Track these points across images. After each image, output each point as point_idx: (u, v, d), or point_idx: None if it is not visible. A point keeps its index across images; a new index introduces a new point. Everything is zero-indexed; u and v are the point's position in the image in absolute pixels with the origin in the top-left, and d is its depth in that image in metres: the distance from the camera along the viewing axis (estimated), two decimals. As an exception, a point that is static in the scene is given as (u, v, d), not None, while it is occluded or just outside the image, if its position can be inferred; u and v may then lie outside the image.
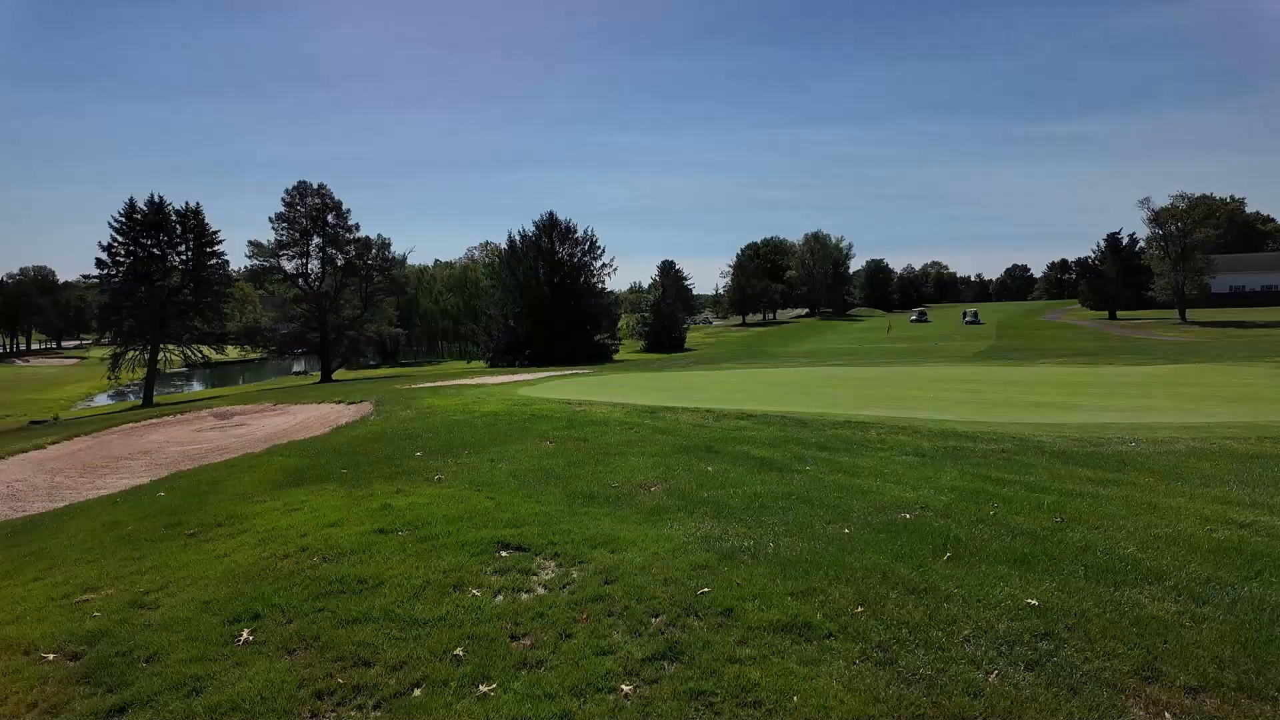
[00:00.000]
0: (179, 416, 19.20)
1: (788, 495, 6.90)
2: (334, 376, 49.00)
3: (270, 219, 49.23)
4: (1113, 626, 4.00)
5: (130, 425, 18.04)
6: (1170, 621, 4.03)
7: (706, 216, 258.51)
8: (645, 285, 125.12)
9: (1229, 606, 4.19)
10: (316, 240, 50.13)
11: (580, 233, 57.06)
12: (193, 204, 44.97)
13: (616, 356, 56.64)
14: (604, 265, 58.36)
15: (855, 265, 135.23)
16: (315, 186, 49.65)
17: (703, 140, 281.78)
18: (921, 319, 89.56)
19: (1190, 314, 66.59)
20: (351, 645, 4.28)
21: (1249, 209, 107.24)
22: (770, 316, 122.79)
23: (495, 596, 4.88)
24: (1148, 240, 70.81)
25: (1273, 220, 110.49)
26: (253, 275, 52.44)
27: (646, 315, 79.81)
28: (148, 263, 43.31)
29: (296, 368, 72.51)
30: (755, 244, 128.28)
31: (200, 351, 46.44)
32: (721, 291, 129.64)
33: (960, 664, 3.71)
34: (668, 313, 78.11)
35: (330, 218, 50.01)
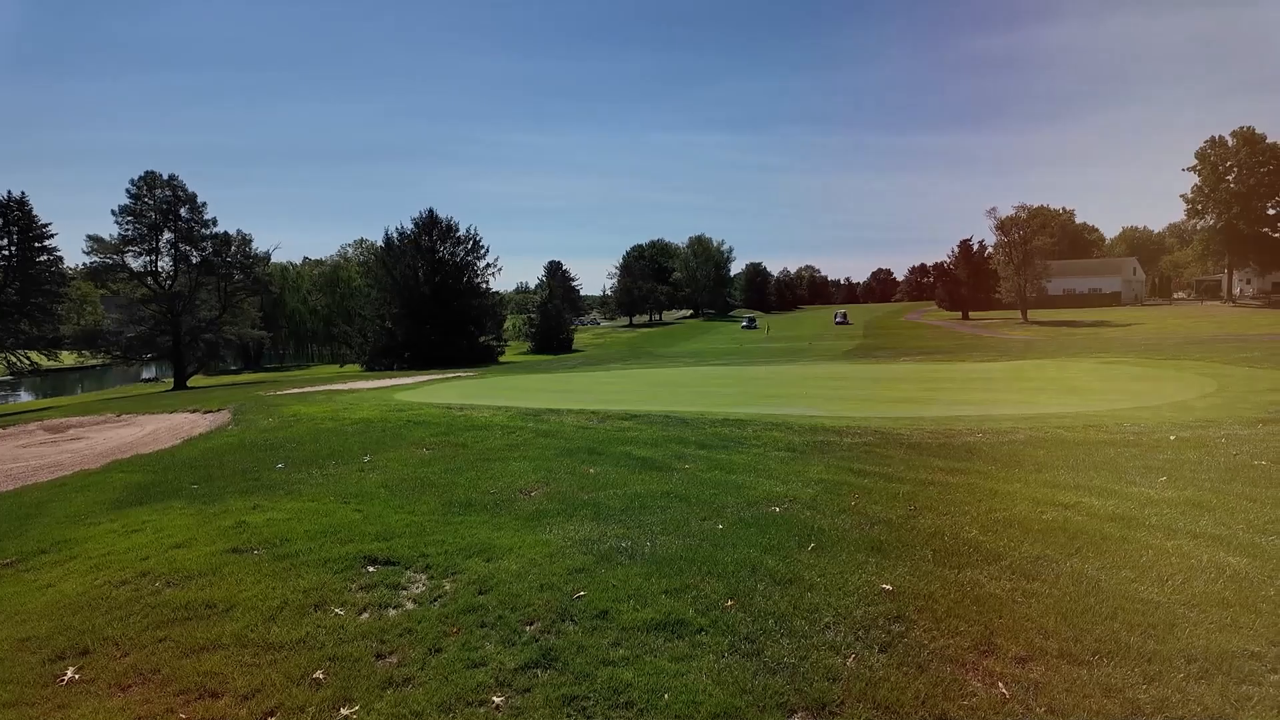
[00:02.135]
0: (1, 431, 17.08)
1: (666, 494, 7.01)
2: (189, 383, 45.30)
3: (113, 211, 44.65)
4: (956, 606, 4.32)
5: (-62, 443, 15.85)
6: (1005, 598, 4.41)
7: (594, 218, 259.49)
8: (532, 286, 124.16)
9: (1054, 581, 4.63)
10: (168, 236, 46.02)
11: (463, 231, 55.81)
12: (17, 194, 40.22)
13: (502, 358, 55.67)
14: (488, 265, 57.45)
15: (736, 268, 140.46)
16: (166, 178, 45.59)
17: (590, 141, 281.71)
18: (750, 325, 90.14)
19: (1031, 314, 73.57)
20: (197, 676, 3.96)
21: (1078, 219, 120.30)
22: (657, 317, 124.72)
23: (360, 614, 4.65)
24: (995, 246, 77.59)
25: (1097, 230, 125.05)
26: (93, 273, 47.14)
27: (533, 316, 79.01)
28: (-38, 258, 38.35)
29: (146, 374, 66.33)
30: (641, 246, 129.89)
31: (28, 358, 41.64)
32: (609, 293, 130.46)
33: (821, 650, 3.88)
34: (555, 314, 77.67)
35: (183, 211, 46.09)
